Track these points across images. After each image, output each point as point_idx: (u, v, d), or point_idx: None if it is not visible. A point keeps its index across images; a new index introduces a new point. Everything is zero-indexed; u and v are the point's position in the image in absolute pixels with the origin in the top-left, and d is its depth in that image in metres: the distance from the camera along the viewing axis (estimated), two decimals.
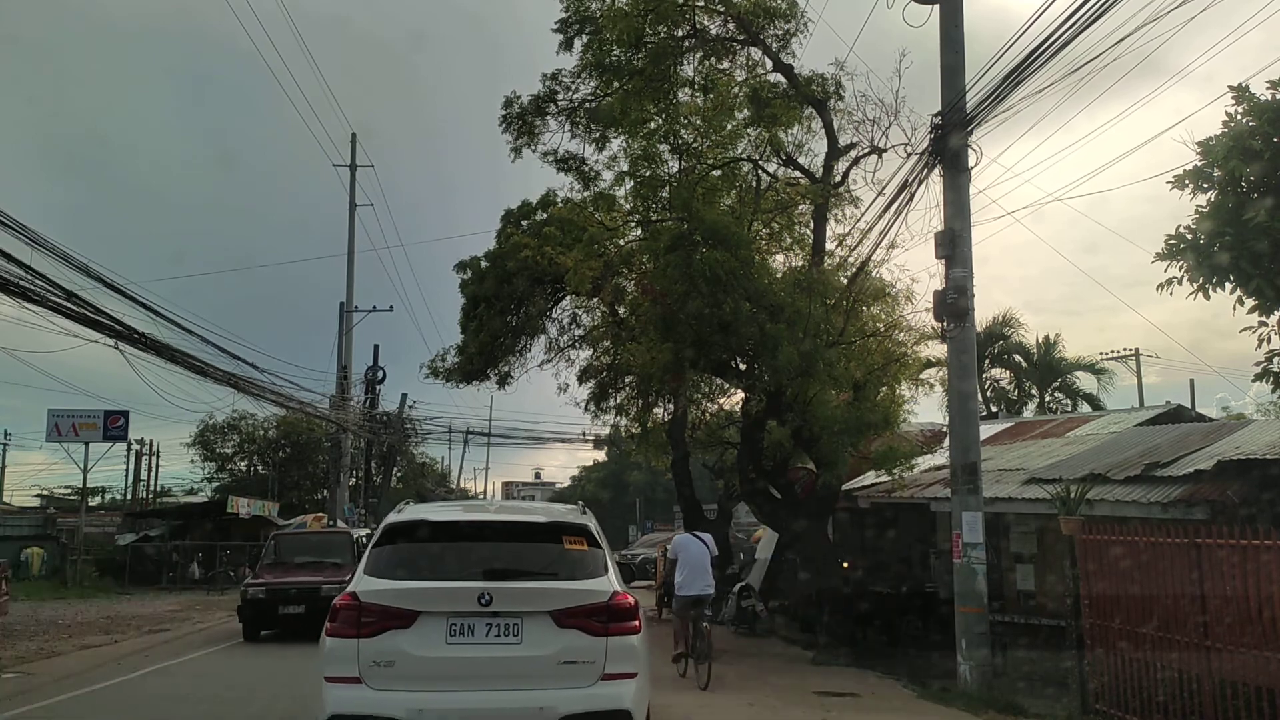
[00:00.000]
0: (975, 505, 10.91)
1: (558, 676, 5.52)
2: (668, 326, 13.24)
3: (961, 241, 11.23)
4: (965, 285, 11.14)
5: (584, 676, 5.54)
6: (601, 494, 55.49)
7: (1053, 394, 27.22)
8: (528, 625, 5.56)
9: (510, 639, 5.55)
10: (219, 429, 51.61)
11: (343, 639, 5.53)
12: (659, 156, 13.77)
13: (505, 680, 5.52)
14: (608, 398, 22.24)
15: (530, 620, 5.56)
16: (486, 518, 6.93)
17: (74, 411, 32.49)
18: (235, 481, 52.88)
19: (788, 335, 11.76)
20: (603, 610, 5.62)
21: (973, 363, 11.28)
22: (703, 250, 12.39)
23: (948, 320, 11.26)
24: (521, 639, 5.55)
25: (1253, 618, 7.22)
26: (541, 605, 5.60)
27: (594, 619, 5.60)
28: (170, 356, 16.98)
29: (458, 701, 5.49)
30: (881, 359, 13.21)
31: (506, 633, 5.55)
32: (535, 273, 19.10)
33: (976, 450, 11.08)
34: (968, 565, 10.78)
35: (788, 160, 14.09)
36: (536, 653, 5.53)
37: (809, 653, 14.86)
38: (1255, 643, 7.20)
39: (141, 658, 14.10)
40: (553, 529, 6.18)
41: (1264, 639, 7.11)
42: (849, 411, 12.46)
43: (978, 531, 10.81)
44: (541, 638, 5.55)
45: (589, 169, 13.54)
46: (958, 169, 11.37)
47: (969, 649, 10.62)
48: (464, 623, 5.54)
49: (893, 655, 13.89)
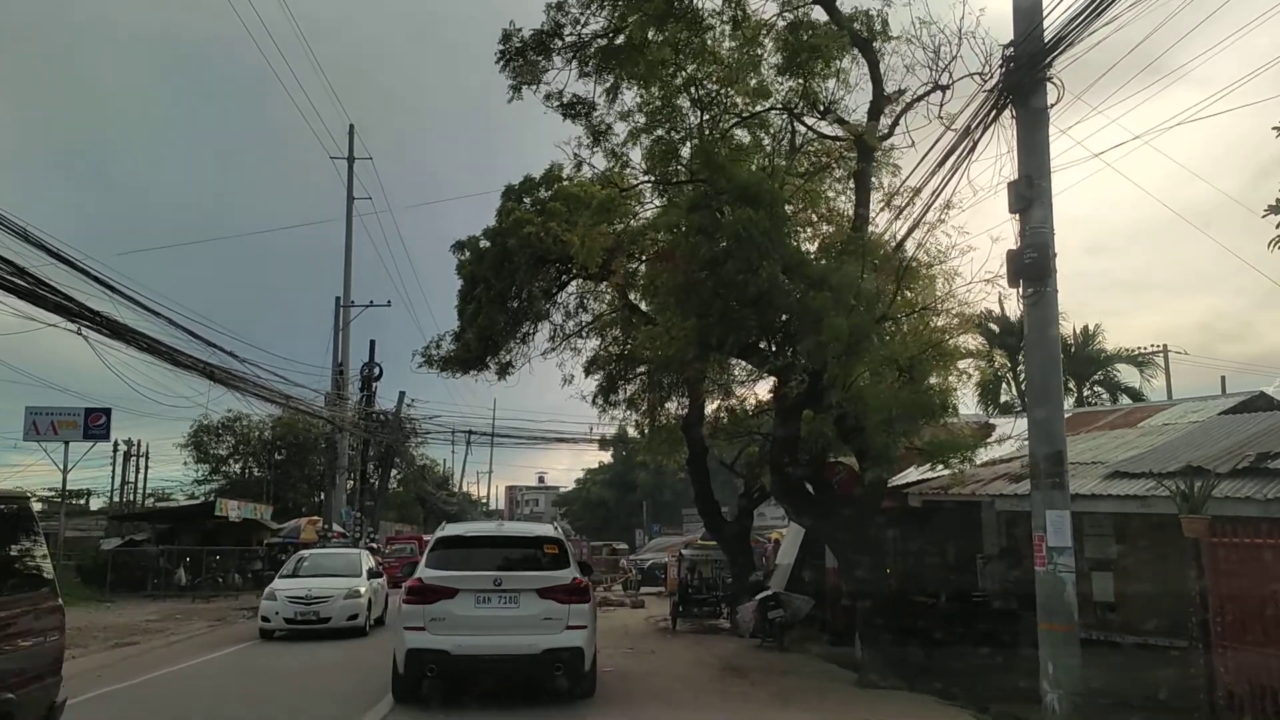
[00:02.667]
0: (1062, 502, 9.16)
1: (540, 627, 9.44)
2: (690, 300, 11.53)
3: (1040, 190, 9.51)
4: (1046, 240, 9.42)
5: (555, 627, 9.47)
6: (607, 496, 53.67)
7: (1091, 387, 25.44)
8: (523, 597, 9.54)
9: (513, 605, 9.51)
10: (213, 430, 49.97)
11: (414, 605, 9.58)
12: (680, 112, 12.08)
13: (510, 629, 9.42)
14: (616, 391, 20.53)
15: (524, 594, 9.55)
16: (498, 534, 11.46)
17: (53, 409, 30.86)
18: (230, 484, 51.23)
19: (833, 305, 10.04)
20: (566, 589, 9.65)
21: (1056, 333, 9.54)
22: (731, 210, 10.70)
23: (1025, 284, 9.54)
24: (519, 605, 9.52)
25: None
26: (531, 585, 9.60)
27: (561, 593, 9.59)
28: (132, 340, 15.29)
29: (483, 640, 9.36)
30: (937, 335, 11.47)
31: (510, 601, 9.53)
32: (539, 250, 17.40)
33: (1062, 437, 9.34)
34: (1054, 574, 9.02)
35: (825, 112, 12.37)
36: (528, 613, 9.49)
37: (848, 671, 13.13)
38: None
39: (92, 679, 12.39)
40: (538, 540, 10.49)
41: None
42: (903, 395, 10.72)
43: (1065, 533, 9.06)
44: (531, 604, 9.53)
45: (598, 120, 11.81)
46: (1034, 107, 9.67)
47: (1057, 674, 8.86)
48: (485, 595, 9.52)
49: (946, 674, 12.17)
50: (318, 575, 17.79)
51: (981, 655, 12.48)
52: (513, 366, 20.03)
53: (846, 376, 10.34)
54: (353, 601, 16.94)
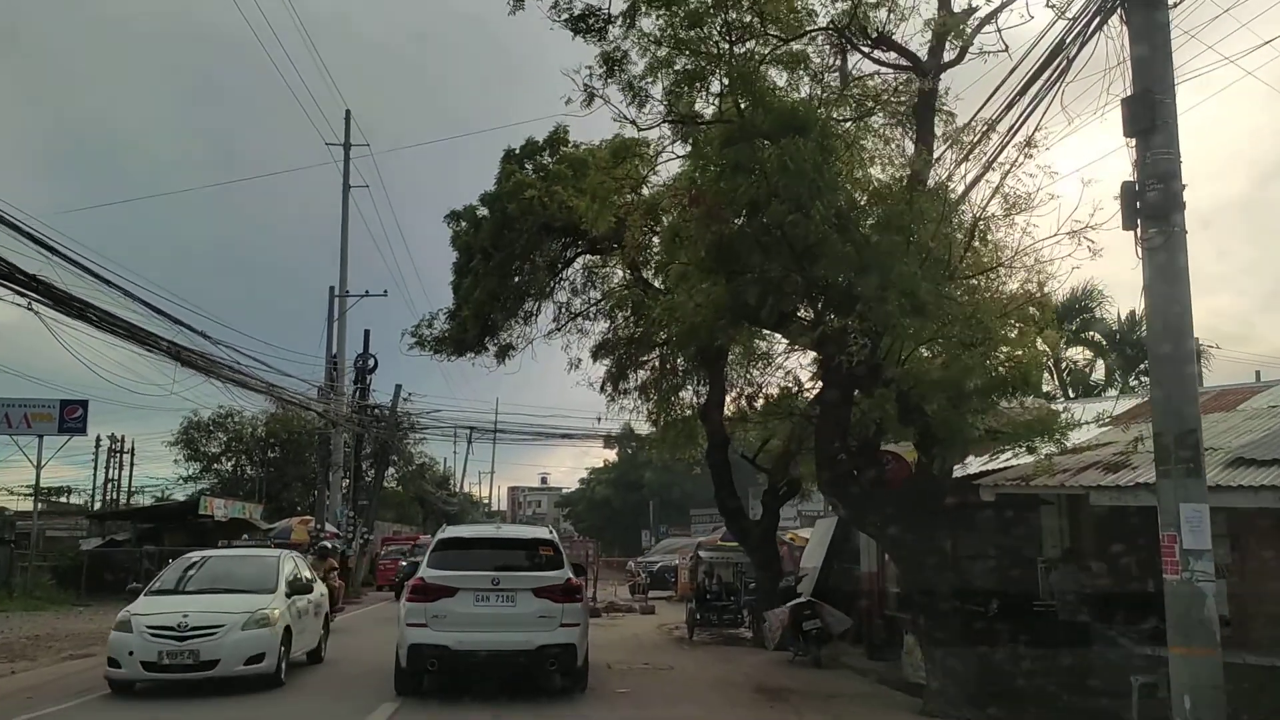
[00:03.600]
0: (1198, 493, 7.30)
1: (536, 624, 10.21)
2: (724, 256, 9.71)
3: (1164, 109, 7.68)
4: (1173, 169, 7.59)
5: (550, 624, 10.23)
6: (611, 496, 51.73)
7: (1137, 377, 23.58)
8: (519, 596, 10.30)
9: (510, 604, 10.28)
10: (204, 427, 48.16)
11: (416, 602, 10.31)
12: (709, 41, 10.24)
13: (507, 626, 10.22)
14: (626, 377, 18.71)
15: (521, 593, 10.30)
16: (496, 536, 12.37)
17: (27, 400, 29.07)
18: (222, 483, 49.47)
19: (903, 252, 8.19)
20: (560, 588, 10.42)
21: (1186, 286, 7.66)
22: (773, 145, 8.87)
23: (1145, 224, 7.70)
24: (515, 604, 10.27)
25: None
26: (527, 585, 10.37)
27: (556, 593, 10.36)
28: (85, 314, 13.48)
29: (481, 637, 10.19)
30: (1014, 298, 9.61)
31: (508, 600, 10.29)
32: (542, 218, 15.58)
33: (1196, 414, 7.49)
34: (1190, 583, 7.15)
35: (879, 39, 10.52)
36: (524, 611, 10.23)
37: (903, 695, 11.30)
38: None
39: (20, 702, 10.55)
40: (534, 542, 11.36)
41: None
42: (976, 367, 8.88)
43: (1204, 532, 7.19)
44: (527, 603, 10.27)
45: (613, 46, 9.98)
46: (1152, 6, 7.85)
47: (1197, 710, 7.01)
48: (484, 594, 10.28)
49: (1013, 698, 10.36)
50: (208, 591, 11.65)
51: (1052, 675, 10.73)
52: (513, 349, 18.22)
53: (918, 339, 8.47)
54: (255, 635, 10.82)
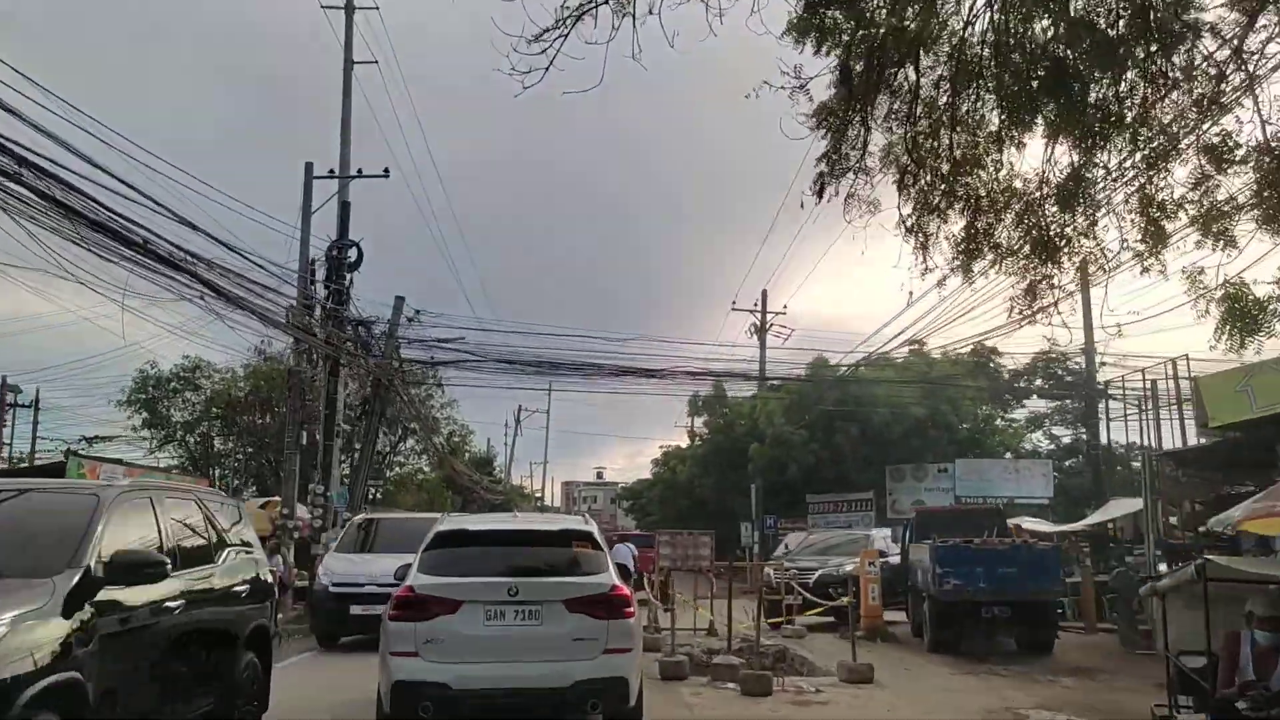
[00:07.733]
0: None
1: (570, 650, 7.09)
2: None
3: None
4: None
5: (591, 650, 7.11)
6: (699, 478, 38.73)
7: None
8: (546, 611, 7.15)
9: (533, 622, 7.13)
10: (163, 383, 36.74)
11: (403, 622, 7.12)
12: None
13: (530, 653, 7.10)
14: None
15: (548, 607, 7.15)
16: (512, 527, 8.80)
17: None
18: (190, 456, 38.08)
19: None
20: (603, 600, 7.26)
21: None
22: None
23: None
24: (542, 622, 7.13)
25: None
26: (556, 596, 7.21)
27: (597, 606, 7.21)
28: None
29: (494, 670, 7.06)
30: None
31: (530, 617, 7.15)
32: None
33: None
34: None
35: None
36: (553, 632, 7.10)
37: None
38: None
39: None
40: (564, 536, 8.04)
41: None
42: None
43: None
44: (557, 620, 7.12)
45: None
46: None
47: None
48: (497, 609, 7.12)
49: None
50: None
51: None
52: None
53: None
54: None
